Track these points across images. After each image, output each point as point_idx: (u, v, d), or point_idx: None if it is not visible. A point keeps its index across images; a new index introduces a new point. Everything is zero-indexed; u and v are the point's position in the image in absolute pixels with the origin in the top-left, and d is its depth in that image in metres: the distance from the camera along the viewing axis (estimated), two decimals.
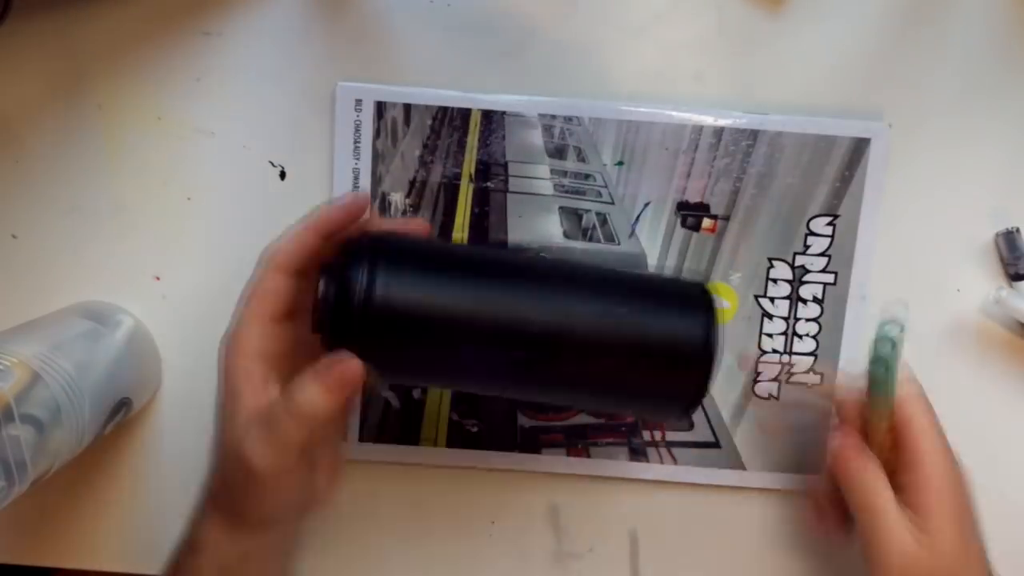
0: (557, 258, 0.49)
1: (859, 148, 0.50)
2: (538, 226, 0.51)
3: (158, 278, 0.51)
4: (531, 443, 0.52)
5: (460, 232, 0.50)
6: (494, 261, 0.41)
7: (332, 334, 0.38)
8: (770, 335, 0.51)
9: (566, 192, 0.51)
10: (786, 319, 0.51)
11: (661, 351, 0.39)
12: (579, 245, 0.51)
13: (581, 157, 0.50)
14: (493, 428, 0.52)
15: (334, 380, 0.37)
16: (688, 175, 0.50)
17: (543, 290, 0.39)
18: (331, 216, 0.41)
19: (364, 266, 0.37)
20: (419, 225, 0.44)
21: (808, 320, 0.51)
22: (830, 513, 0.48)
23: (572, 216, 0.51)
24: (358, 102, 0.50)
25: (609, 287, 0.41)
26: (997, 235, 0.51)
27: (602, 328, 0.39)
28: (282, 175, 0.51)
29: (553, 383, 0.40)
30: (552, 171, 0.51)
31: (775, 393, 0.51)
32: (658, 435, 0.52)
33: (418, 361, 0.39)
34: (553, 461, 0.52)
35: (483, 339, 0.38)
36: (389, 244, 0.39)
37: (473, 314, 0.38)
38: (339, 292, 0.37)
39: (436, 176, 0.50)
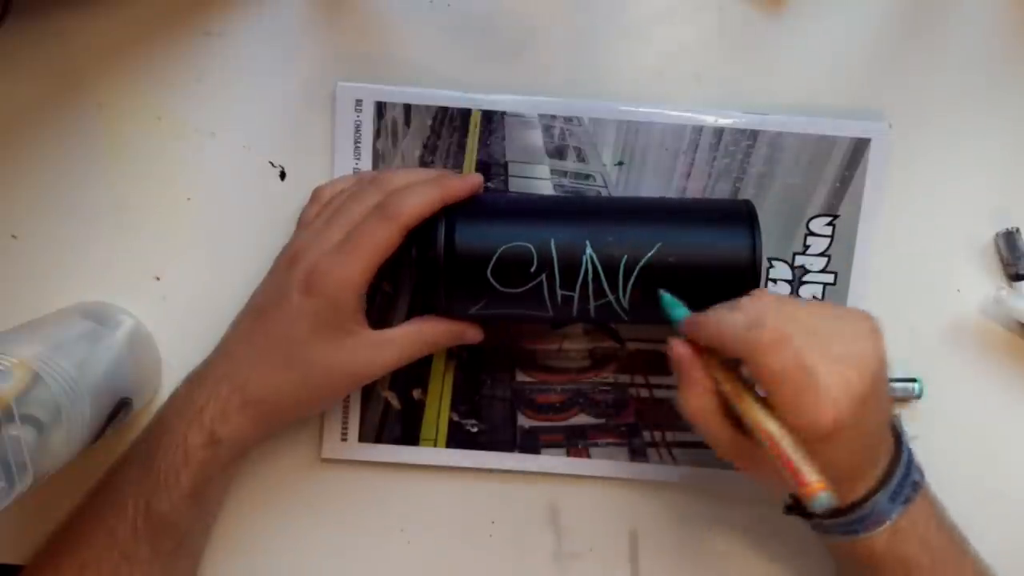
0: (614, 196, 0.51)
1: (859, 148, 0.50)
2: None
3: (158, 278, 0.51)
4: (531, 443, 0.52)
5: None
6: (546, 203, 0.48)
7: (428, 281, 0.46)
8: None
9: (566, 192, 0.51)
10: None
11: (715, 264, 0.44)
12: None
13: (581, 157, 0.50)
14: (493, 428, 0.52)
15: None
16: (688, 175, 0.50)
17: (602, 222, 0.45)
18: (457, 193, 0.45)
19: (441, 222, 0.45)
20: (476, 180, 0.47)
21: None
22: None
23: None
24: (358, 102, 0.50)
25: (662, 212, 0.46)
26: (997, 235, 0.51)
27: (660, 249, 0.44)
28: (282, 175, 0.51)
29: (614, 306, 0.45)
30: (552, 171, 0.51)
31: None
32: (658, 435, 0.52)
33: (496, 293, 0.45)
34: (553, 461, 0.52)
35: (547, 269, 0.44)
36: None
37: (538, 248, 0.44)
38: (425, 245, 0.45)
39: None
